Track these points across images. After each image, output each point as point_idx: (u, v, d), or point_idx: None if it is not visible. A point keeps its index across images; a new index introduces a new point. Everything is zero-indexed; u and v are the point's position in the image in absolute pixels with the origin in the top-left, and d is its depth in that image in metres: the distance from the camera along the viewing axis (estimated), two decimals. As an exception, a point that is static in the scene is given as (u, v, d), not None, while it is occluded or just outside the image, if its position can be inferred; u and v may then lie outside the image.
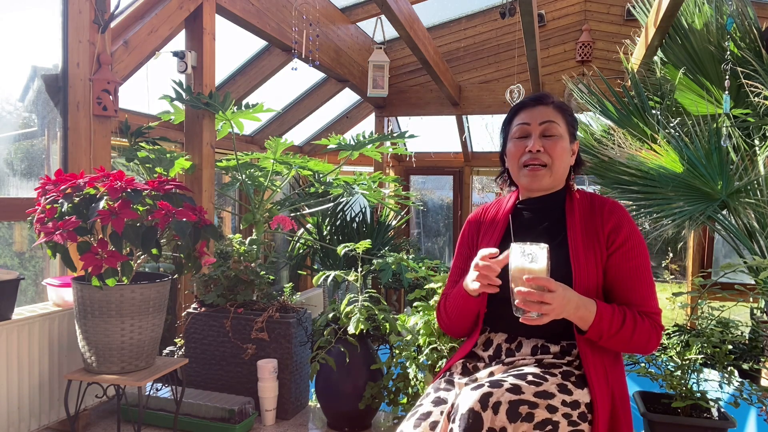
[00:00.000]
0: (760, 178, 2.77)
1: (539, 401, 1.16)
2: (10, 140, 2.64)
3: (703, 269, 5.13)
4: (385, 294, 5.55)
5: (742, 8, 3.13)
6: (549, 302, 1.20)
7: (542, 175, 1.42)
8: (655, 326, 1.33)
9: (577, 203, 1.45)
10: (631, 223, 1.39)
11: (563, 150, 1.42)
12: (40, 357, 2.15)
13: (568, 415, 1.19)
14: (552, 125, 1.42)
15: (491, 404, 1.13)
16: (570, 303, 1.24)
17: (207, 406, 2.33)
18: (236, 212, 4.95)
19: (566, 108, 1.49)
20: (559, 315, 1.23)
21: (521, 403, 1.14)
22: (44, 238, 1.79)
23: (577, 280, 1.33)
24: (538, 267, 1.21)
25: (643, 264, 1.36)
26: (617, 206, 1.42)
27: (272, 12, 3.67)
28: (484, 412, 1.12)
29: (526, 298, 1.20)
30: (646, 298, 1.34)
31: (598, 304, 1.29)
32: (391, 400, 2.32)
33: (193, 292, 2.78)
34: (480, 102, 5.74)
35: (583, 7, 5.35)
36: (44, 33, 2.53)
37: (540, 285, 1.20)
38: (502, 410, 1.13)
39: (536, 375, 1.24)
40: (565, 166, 1.45)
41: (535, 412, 1.15)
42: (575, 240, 1.38)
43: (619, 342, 1.30)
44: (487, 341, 1.45)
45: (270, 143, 3.33)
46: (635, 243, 1.36)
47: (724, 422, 1.95)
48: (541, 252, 1.22)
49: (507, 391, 1.15)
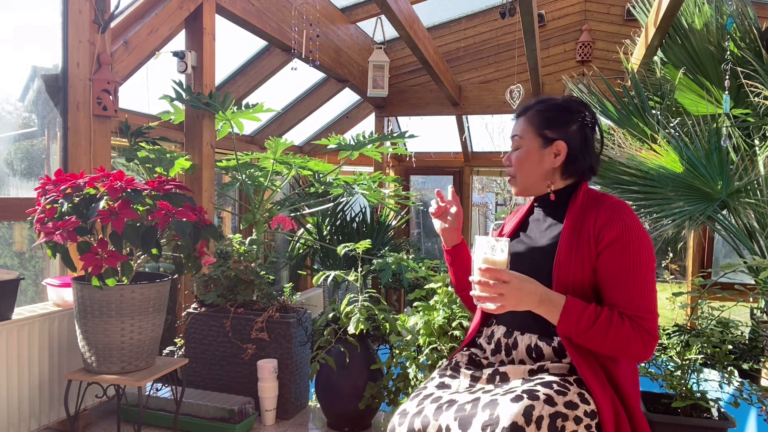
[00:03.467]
0: (760, 178, 2.77)
1: (569, 413, 1.17)
2: (10, 140, 2.64)
3: (703, 269, 5.13)
4: (385, 294, 5.55)
5: (742, 8, 3.13)
6: (502, 293, 1.24)
7: (513, 184, 1.55)
8: (639, 330, 1.26)
9: (582, 202, 1.45)
10: (626, 221, 1.34)
11: (520, 161, 1.50)
12: (40, 357, 2.15)
13: (589, 426, 1.19)
14: (515, 140, 1.52)
15: (534, 419, 1.13)
16: (529, 295, 1.26)
17: (207, 406, 2.33)
18: (236, 212, 4.95)
19: (536, 116, 1.49)
20: (516, 306, 1.26)
21: (558, 415, 1.15)
22: (44, 238, 1.79)
23: (556, 276, 1.35)
24: (497, 259, 1.26)
25: (637, 263, 1.31)
26: (617, 204, 1.38)
27: (272, 12, 3.67)
28: (527, 427, 1.12)
29: (482, 289, 1.26)
30: (634, 299, 1.29)
31: (568, 300, 1.28)
32: (391, 400, 2.32)
33: (193, 292, 2.78)
34: (480, 102, 5.74)
35: (583, 7, 5.34)
36: (44, 33, 2.53)
37: (494, 276, 1.25)
38: (545, 425, 1.13)
39: (559, 384, 1.24)
40: (533, 173, 1.49)
41: (566, 425, 1.16)
42: (564, 237, 1.39)
43: (593, 342, 1.27)
44: (491, 334, 1.48)
45: (270, 143, 3.32)
46: (627, 241, 1.31)
47: (724, 422, 1.95)
48: (499, 245, 1.27)
49: (545, 404, 1.16)
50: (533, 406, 1.14)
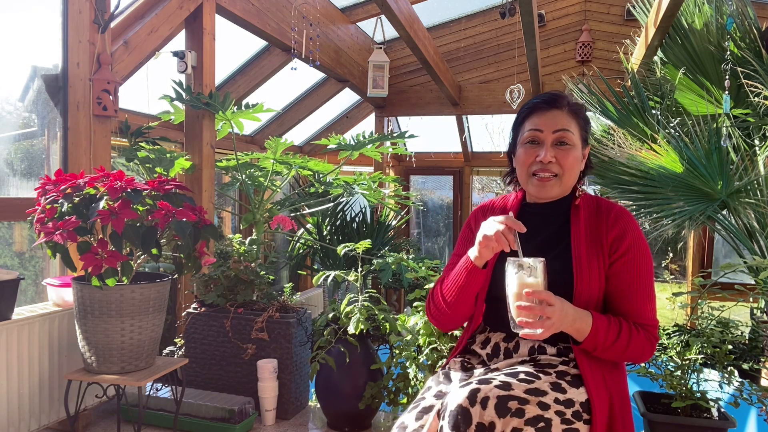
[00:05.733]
0: (760, 178, 2.77)
1: (530, 398, 1.16)
2: (10, 140, 2.64)
3: (703, 269, 5.13)
4: (385, 294, 5.55)
5: (742, 8, 3.13)
6: (549, 316, 1.18)
7: (551, 185, 1.37)
8: (650, 338, 1.31)
9: (583, 208, 1.42)
10: (635, 231, 1.36)
11: (575, 160, 1.37)
12: (40, 357, 2.15)
13: (561, 413, 1.18)
14: (566, 134, 1.35)
15: (479, 399, 1.14)
16: (567, 316, 1.22)
17: (207, 406, 2.33)
18: (236, 212, 4.95)
19: (581, 110, 1.41)
20: (558, 329, 1.22)
21: (510, 398, 1.15)
22: (44, 238, 1.79)
23: (579, 289, 1.31)
24: (536, 281, 1.20)
25: (645, 274, 1.33)
26: (624, 213, 1.39)
27: (272, 12, 3.67)
28: (472, 408, 1.13)
29: (528, 314, 1.19)
30: (644, 309, 1.32)
31: (594, 317, 1.27)
32: (391, 400, 2.32)
33: (193, 292, 2.78)
34: (480, 102, 5.74)
35: (583, 7, 5.34)
36: (44, 33, 2.53)
37: (540, 299, 1.19)
38: (491, 405, 1.13)
39: (529, 373, 1.24)
40: (576, 175, 1.41)
41: (526, 408, 1.14)
42: (579, 248, 1.35)
43: (613, 354, 1.29)
44: (486, 340, 1.45)
45: (270, 143, 3.32)
46: (638, 252, 1.33)
47: (724, 422, 1.95)
48: (538, 266, 1.20)
49: (496, 387, 1.16)
50: (479, 389, 1.15)
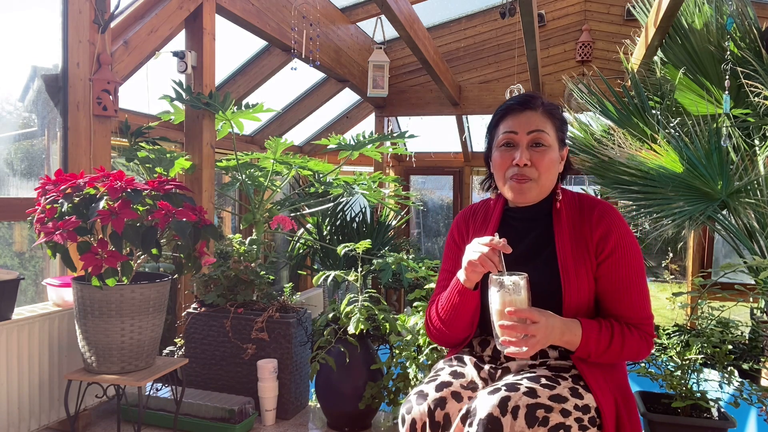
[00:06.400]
0: (760, 178, 2.77)
1: (554, 405, 1.15)
2: (10, 140, 2.64)
3: (703, 269, 5.13)
4: (385, 294, 5.55)
5: (742, 8, 3.13)
6: (533, 334, 1.16)
7: (528, 188, 1.33)
8: (645, 336, 1.29)
9: (565, 208, 1.38)
10: (620, 228, 1.32)
11: (551, 162, 1.33)
12: (40, 357, 2.15)
13: (579, 419, 1.18)
14: (541, 135, 1.32)
15: (510, 409, 1.12)
16: (554, 330, 1.20)
17: (207, 406, 2.33)
18: (236, 212, 4.95)
19: (555, 111, 1.38)
20: (545, 344, 1.20)
21: (538, 407, 1.13)
22: (44, 238, 1.79)
23: (568, 296, 1.29)
24: (519, 298, 1.17)
25: (634, 271, 1.30)
26: (607, 210, 1.35)
27: (272, 12, 3.67)
28: (503, 417, 1.11)
29: (511, 333, 1.17)
30: (636, 307, 1.30)
31: (584, 326, 1.24)
32: (391, 400, 2.32)
33: (193, 292, 2.78)
34: (480, 102, 5.74)
35: (583, 7, 5.34)
36: (44, 33, 2.53)
37: (522, 318, 1.16)
38: (521, 415, 1.11)
39: (549, 378, 1.23)
40: (554, 177, 1.37)
41: (551, 416, 1.13)
42: (564, 252, 1.32)
43: (608, 358, 1.28)
44: (483, 341, 1.44)
45: (270, 143, 3.33)
46: (625, 250, 1.31)
47: (724, 422, 1.95)
48: (521, 282, 1.17)
49: (524, 395, 1.14)
50: (509, 397, 1.13)
